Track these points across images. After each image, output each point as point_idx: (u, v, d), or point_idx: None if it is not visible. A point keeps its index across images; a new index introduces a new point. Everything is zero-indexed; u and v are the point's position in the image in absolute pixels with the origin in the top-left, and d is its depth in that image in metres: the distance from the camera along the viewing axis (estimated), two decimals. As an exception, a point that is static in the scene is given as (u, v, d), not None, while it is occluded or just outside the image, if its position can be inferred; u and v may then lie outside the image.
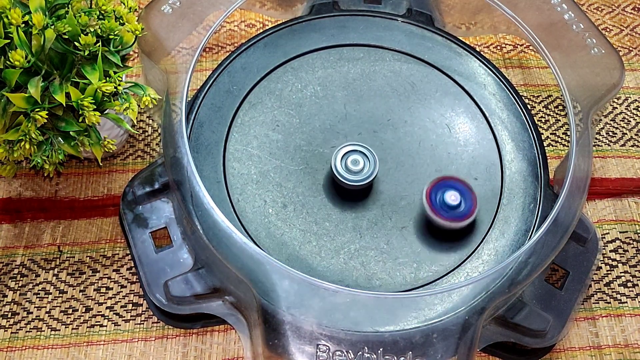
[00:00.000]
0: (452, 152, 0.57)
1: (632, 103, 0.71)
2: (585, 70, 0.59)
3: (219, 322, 0.54)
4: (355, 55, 0.62)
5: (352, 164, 0.53)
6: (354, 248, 0.52)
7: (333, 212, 0.54)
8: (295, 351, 0.45)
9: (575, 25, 0.60)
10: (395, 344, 0.46)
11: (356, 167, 0.53)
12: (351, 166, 0.53)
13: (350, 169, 0.53)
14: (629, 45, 0.76)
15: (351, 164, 0.53)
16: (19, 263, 0.57)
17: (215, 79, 0.58)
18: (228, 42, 0.73)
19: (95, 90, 0.48)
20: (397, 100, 0.60)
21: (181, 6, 0.58)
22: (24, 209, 0.60)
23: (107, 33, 0.49)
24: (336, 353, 0.45)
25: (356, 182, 0.53)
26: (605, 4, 0.79)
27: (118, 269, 0.57)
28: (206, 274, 0.51)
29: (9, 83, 0.46)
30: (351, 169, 0.53)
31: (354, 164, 0.53)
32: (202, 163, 0.54)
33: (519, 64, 0.73)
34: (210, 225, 0.49)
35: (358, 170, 0.53)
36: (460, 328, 0.47)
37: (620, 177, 0.66)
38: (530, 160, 0.57)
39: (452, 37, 0.63)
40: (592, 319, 0.58)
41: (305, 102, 0.59)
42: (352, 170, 0.53)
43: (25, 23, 0.46)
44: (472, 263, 0.52)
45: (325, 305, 0.47)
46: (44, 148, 0.50)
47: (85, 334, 0.54)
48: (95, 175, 0.62)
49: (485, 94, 0.60)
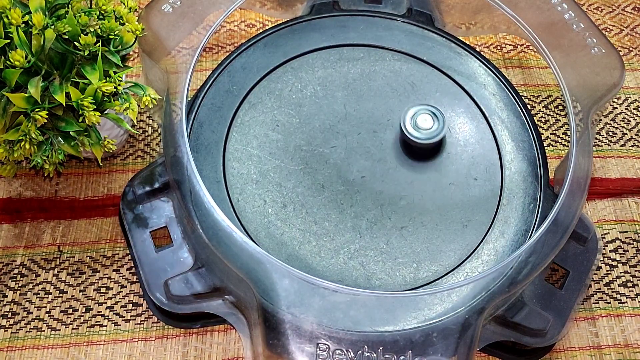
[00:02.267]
0: (452, 152, 0.57)
1: (632, 103, 0.71)
2: (586, 70, 0.59)
3: (219, 321, 0.54)
4: (355, 55, 0.62)
5: (421, 122, 0.55)
6: (353, 248, 0.52)
7: (332, 212, 0.54)
8: (295, 350, 0.45)
9: (575, 25, 0.60)
10: (395, 343, 0.46)
11: (425, 125, 0.55)
12: (420, 124, 0.55)
13: (419, 127, 0.55)
14: (629, 45, 0.76)
15: (420, 122, 0.55)
16: (19, 263, 0.57)
17: (215, 78, 0.58)
18: (228, 42, 0.73)
19: (95, 90, 0.48)
20: (397, 100, 0.60)
21: (181, 5, 0.58)
22: (24, 209, 0.60)
23: (107, 33, 0.49)
24: (336, 352, 0.45)
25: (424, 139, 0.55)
26: (605, 4, 0.79)
27: (118, 269, 0.57)
28: (206, 273, 0.51)
29: (9, 83, 0.46)
30: (420, 126, 0.55)
31: (423, 122, 0.55)
32: (202, 163, 0.54)
33: (519, 64, 0.73)
34: (210, 224, 0.49)
35: (427, 128, 0.55)
36: (460, 327, 0.47)
37: (620, 177, 0.66)
38: (530, 160, 0.57)
39: (452, 37, 0.63)
40: (592, 318, 0.58)
41: (305, 102, 0.59)
42: (421, 128, 0.55)
43: (25, 23, 0.46)
44: (471, 263, 0.52)
45: (325, 304, 0.47)
46: (44, 148, 0.50)
47: (85, 334, 0.54)
48: (95, 175, 0.62)
49: (485, 94, 0.60)
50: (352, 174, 0.56)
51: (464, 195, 0.55)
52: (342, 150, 0.57)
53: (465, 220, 0.54)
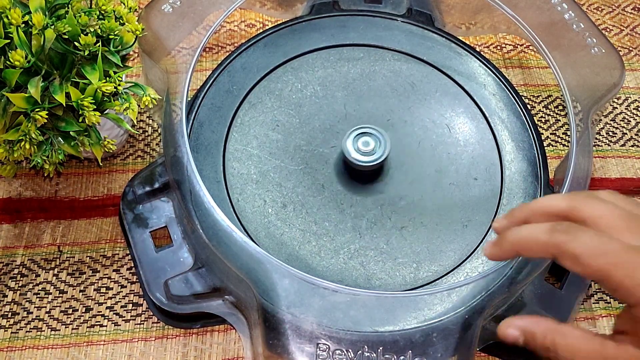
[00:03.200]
0: (452, 152, 0.57)
1: (632, 103, 0.71)
2: (586, 70, 0.59)
3: (219, 321, 0.54)
4: (355, 55, 0.62)
5: (363, 145, 0.54)
6: (353, 248, 0.52)
7: (333, 212, 0.54)
8: (295, 350, 0.45)
9: (575, 24, 0.60)
10: (395, 343, 0.46)
11: (367, 148, 0.54)
12: (362, 147, 0.54)
13: (361, 150, 0.54)
14: (629, 45, 0.76)
15: (362, 145, 0.54)
16: (19, 263, 0.57)
17: (215, 78, 0.58)
18: (228, 42, 0.73)
19: (95, 90, 0.48)
20: (397, 100, 0.60)
21: (181, 5, 0.58)
22: (24, 209, 0.60)
23: (107, 33, 0.49)
24: (336, 352, 0.45)
25: (367, 163, 0.54)
26: (605, 4, 0.79)
27: (118, 269, 0.57)
28: (206, 273, 0.51)
29: (9, 83, 0.46)
30: (362, 149, 0.54)
31: (364, 145, 0.54)
32: (202, 163, 0.54)
33: (519, 64, 0.73)
34: (210, 224, 0.49)
35: (369, 151, 0.54)
36: (460, 327, 0.47)
37: (620, 177, 0.66)
38: (530, 160, 0.57)
39: (452, 37, 0.63)
40: (592, 319, 0.58)
41: (305, 102, 0.59)
42: (363, 151, 0.54)
43: (25, 23, 0.46)
44: (472, 263, 0.52)
45: (325, 304, 0.47)
46: (44, 148, 0.50)
47: (85, 334, 0.54)
48: (95, 175, 0.62)
49: (485, 94, 0.60)
50: (352, 174, 0.56)
51: (464, 195, 0.55)
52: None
53: (465, 220, 0.54)
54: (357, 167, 0.53)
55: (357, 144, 0.54)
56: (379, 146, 0.54)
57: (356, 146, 0.54)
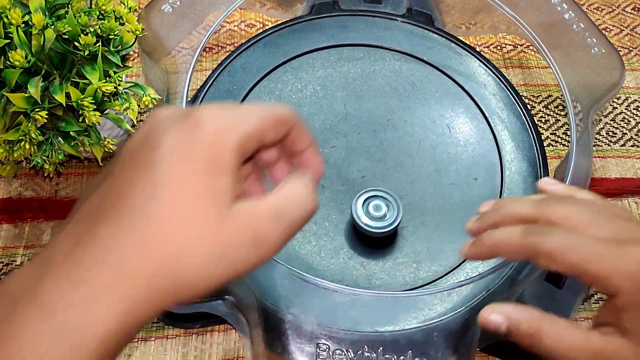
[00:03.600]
0: (452, 152, 0.57)
1: (632, 103, 0.71)
2: (586, 70, 0.59)
3: (219, 322, 0.54)
4: (355, 55, 0.62)
5: (374, 209, 0.52)
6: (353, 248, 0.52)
7: (333, 212, 0.54)
8: (295, 350, 0.45)
9: (575, 25, 0.60)
10: (395, 343, 0.46)
11: (378, 212, 0.52)
12: (373, 212, 0.52)
13: (372, 215, 0.52)
14: (629, 45, 0.76)
15: (373, 209, 0.52)
16: (19, 263, 0.57)
17: (215, 78, 0.58)
18: (228, 42, 0.73)
19: (95, 90, 0.48)
20: (397, 100, 0.60)
21: (181, 5, 0.58)
22: (24, 209, 0.60)
23: (107, 33, 0.49)
24: (336, 352, 0.45)
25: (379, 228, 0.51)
26: (605, 4, 0.79)
27: (118, 269, 0.57)
28: (206, 273, 0.51)
29: (9, 83, 0.46)
30: (373, 214, 0.52)
31: (376, 210, 0.52)
32: (202, 163, 0.54)
33: (519, 64, 0.73)
34: (210, 225, 0.49)
35: (380, 216, 0.51)
36: (460, 327, 0.47)
37: (620, 177, 0.66)
38: (530, 160, 0.57)
39: (452, 37, 0.63)
40: (592, 319, 0.57)
41: (305, 102, 0.59)
42: (374, 216, 0.51)
43: (25, 23, 0.46)
44: (472, 263, 0.52)
45: (325, 304, 0.47)
46: (44, 148, 0.50)
47: (85, 333, 0.54)
48: (96, 175, 0.62)
49: (485, 94, 0.60)
50: (352, 174, 0.56)
51: (464, 195, 0.55)
52: (342, 150, 0.57)
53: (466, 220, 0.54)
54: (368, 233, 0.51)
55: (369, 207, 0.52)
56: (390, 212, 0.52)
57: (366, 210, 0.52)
